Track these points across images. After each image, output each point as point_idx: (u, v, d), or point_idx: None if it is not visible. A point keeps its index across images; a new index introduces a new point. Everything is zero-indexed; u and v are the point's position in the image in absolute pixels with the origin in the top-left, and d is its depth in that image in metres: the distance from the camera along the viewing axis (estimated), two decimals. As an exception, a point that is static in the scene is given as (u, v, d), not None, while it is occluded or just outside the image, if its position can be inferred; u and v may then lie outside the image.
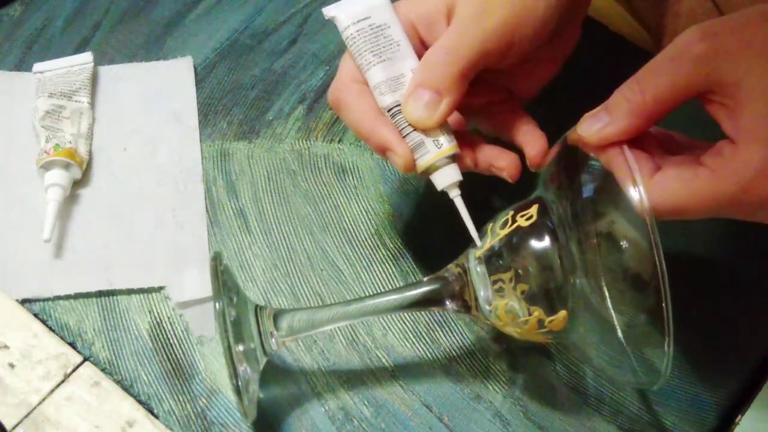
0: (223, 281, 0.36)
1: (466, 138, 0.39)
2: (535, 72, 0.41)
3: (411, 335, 0.43)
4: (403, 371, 0.42)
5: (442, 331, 0.43)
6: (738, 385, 0.43)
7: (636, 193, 0.32)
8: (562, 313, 0.35)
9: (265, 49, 0.54)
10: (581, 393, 0.42)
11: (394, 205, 0.48)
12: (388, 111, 0.37)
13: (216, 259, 0.37)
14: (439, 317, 0.44)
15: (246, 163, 0.49)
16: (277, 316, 0.38)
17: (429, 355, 0.43)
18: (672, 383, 0.42)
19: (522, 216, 0.36)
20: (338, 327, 0.43)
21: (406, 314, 0.44)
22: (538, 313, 0.35)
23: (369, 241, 0.46)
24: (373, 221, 0.47)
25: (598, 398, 0.42)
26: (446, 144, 0.36)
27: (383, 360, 0.42)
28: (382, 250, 0.46)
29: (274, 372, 0.41)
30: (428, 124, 0.36)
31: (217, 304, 0.36)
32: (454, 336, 0.43)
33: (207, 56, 0.53)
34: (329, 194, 0.48)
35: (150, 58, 0.53)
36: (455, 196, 0.37)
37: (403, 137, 0.37)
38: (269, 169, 0.49)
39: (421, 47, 0.38)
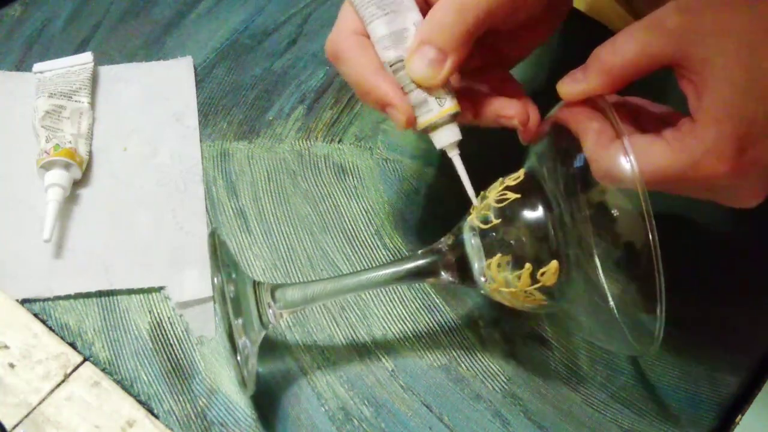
0: (221, 257, 0.37)
1: (465, 90, 0.39)
2: (530, 36, 0.41)
3: (411, 335, 0.43)
4: (403, 371, 0.42)
5: (442, 330, 0.43)
6: (738, 385, 0.43)
7: (627, 163, 0.32)
8: (554, 263, 0.35)
9: (265, 49, 0.54)
10: (582, 392, 0.42)
11: (394, 205, 0.48)
12: (391, 66, 0.36)
13: (213, 235, 0.37)
14: (440, 317, 0.44)
15: (246, 163, 0.49)
16: (274, 290, 0.38)
17: (429, 355, 0.43)
18: (672, 383, 0.42)
19: (510, 179, 0.37)
20: (338, 327, 0.43)
21: (406, 313, 0.44)
22: (530, 266, 0.35)
23: (369, 241, 0.46)
24: (373, 221, 0.47)
25: (599, 398, 0.42)
26: (448, 103, 0.36)
27: (383, 360, 0.42)
28: (382, 250, 0.46)
29: (274, 372, 0.41)
30: (432, 83, 0.35)
31: (215, 279, 0.36)
32: (454, 335, 0.43)
33: (207, 56, 0.53)
34: (329, 194, 0.48)
35: (150, 58, 0.53)
36: (454, 155, 0.37)
37: (405, 93, 0.36)
38: (269, 169, 0.49)
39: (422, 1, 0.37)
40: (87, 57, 0.51)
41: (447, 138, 0.36)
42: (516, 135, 0.39)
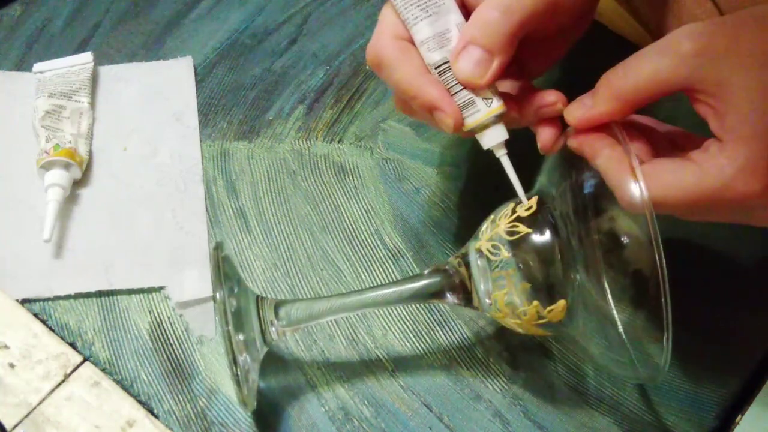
0: (224, 271, 0.36)
1: (508, 99, 0.39)
2: (547, 51, 0.41)
3: (411, 335, 0.43)
4: (403, 371, 0.42)
5: (442, 330, 0.43)
6: (738, 385, 0.43)
7: (636, 189, 0.32)
8: (561, 302, 0.35)
9: (265, 49, 0.54)
10: (581, 392, 0.42)
11: (394, 205, 0.48)
12: (436, 68, 0.36)
13: (217, 249, 0.37)
14: (440, 316, 0.44)
15: (246, 163, 0.49)
16: (277, 306, 0.38)
17: (429, 355, 0.43)
18: (672, 383, 0.42)
19: (522, 207, 0.37)
20: (338, 327, 0.43)
21: (406, 313, 0.44)
22: (537, 303, 0.36)
23: (369, 241, 0.46)
24: (373, 221, 0.47)
25: (599, 398, 0.42)
26: (496, 103, 0.36)
27: (383, 360, 0.42)
28: (382, 250, 0.46)
29: (274, 372, 0.41)
30: (479, 83, 0.35)
31: (217, 294, 0.36)
32: (454, 335, 0.43)
33: (207, 56, 0.53)
34: (329, 194, 0.48)
35: (150, 58, 0.53)
36: (502, 155, 0.37)
37: (451, 95, 0.36)
38: (269, 169, 0.49)
39: (460, 2, 0.38)
40: (87, 57, 0.51)
41: (495, 138, 0.36)
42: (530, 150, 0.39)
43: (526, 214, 0.36)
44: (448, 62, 0.36)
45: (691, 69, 0.32)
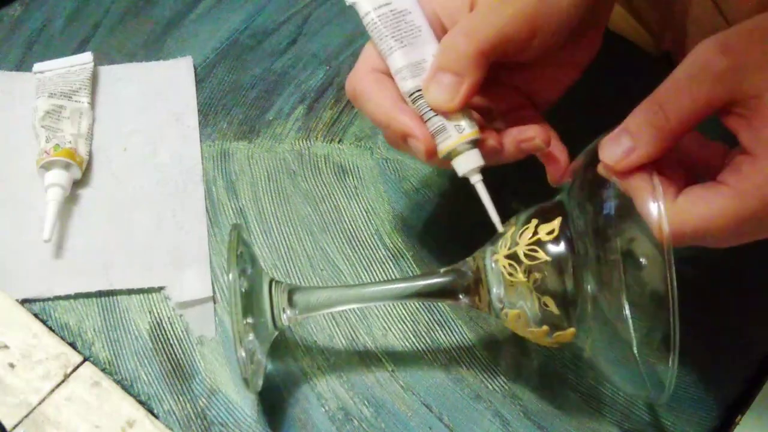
0: (239, 252, 0.36)
1: (487, 128, 0.38)
2: (555, 76, 0.40)
3: (411, 335, 0.43)
4: (403, 371, 0.42)
5: (442, 330, 0.43)
6: (738, 385, 0.43)
7: (656, 219, 0.31)
8: (570, 330, 0.35)
9: (265, 49, 0.54)
10: (581, 393, 0.42)
11: (394, 205, 0.48)
12: (410, 96, 0.36)
13: (235, 230, 0.37)
14: (440, 316, 0.44)
15: (246, 163, 0.49)
16: (291, 292, 0.38)
17: (429, 355, 0.43)
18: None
19: (544, 229, 0.36)
20: (338, 327, 0.43)
21: (406, 313, 0.44)
22: (546, 328, 0.36)
23: (369, 241, 0.46)
24: (373, 221, 0.47)
25: (598, 398, 0.42)
26: (468, 128, 0.36)
27: (383, 360, 0.42)
28: (382, 250, 0.46)
29: (274, 372, 0.41)
30: (450, 107, 0.35)
31: (230, 275, 0.36)
32: (454, 336, 0.43)
33: (207, 56, 0.53)
34: (329, 194, 0.48)
35: (150, 58, 0.53)
36: (477, 181, 0.37)
37: (424, 122, 0.36)
38: (269, 169, 0.49)
39: (443, 32, 0.38)
40: (87, 57, 0.51)
41: (468, 164, 0.36)
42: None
43: (548, 238, 0.35)
44: (420, 90, 0.36)
45: (730, 86, 0.31)
